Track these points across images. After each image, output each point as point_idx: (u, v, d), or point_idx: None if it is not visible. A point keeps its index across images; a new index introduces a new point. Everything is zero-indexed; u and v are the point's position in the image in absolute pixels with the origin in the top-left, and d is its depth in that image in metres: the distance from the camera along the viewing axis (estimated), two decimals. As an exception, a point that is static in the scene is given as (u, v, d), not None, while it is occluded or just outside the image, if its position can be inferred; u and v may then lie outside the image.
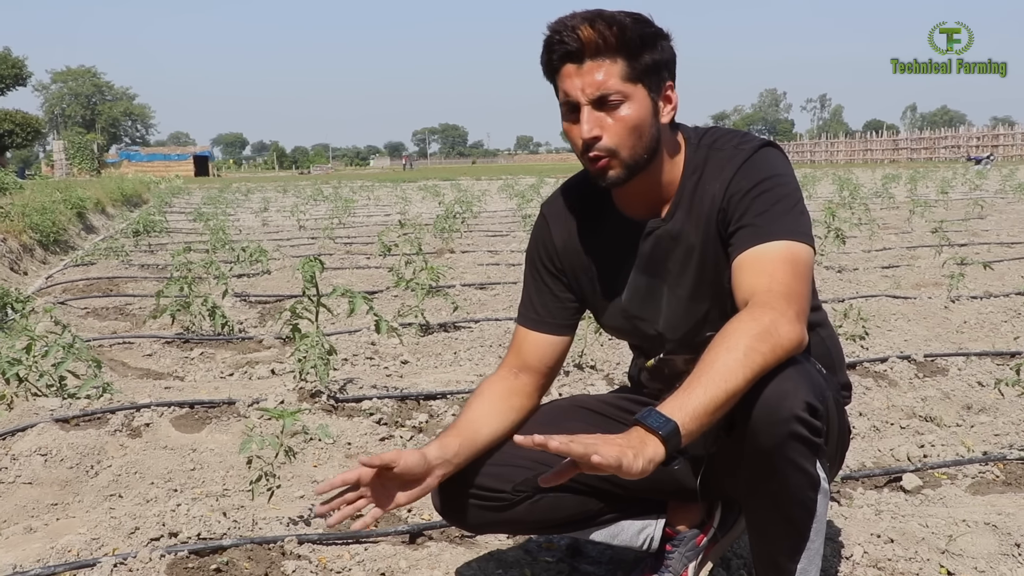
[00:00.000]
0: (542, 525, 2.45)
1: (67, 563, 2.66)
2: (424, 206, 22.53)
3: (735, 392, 1.81)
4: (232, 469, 3.56)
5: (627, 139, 2.06)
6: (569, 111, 2.08)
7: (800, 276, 1.99)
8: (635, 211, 2.26)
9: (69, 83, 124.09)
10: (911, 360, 4.97)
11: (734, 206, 2.09)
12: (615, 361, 5.12)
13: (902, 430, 4.05)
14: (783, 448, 1.90)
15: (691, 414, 1.76)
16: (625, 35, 2.02)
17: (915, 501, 3.28)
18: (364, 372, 5.10)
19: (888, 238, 12.01)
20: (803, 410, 1.88)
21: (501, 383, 2.36)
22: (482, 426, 2.26)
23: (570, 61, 2.04)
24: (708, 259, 2.19)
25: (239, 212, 21.71)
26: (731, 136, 2.23)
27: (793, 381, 1.89)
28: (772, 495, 1.99)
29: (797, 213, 2.07)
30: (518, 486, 2.27)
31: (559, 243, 2.36)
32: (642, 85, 2.06)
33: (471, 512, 2.30)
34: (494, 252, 11.37)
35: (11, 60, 76.19)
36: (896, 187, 24.31)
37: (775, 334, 1.86)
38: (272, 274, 9.62)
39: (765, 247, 2.01)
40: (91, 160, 61.76)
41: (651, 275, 2.27)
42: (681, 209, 2.20)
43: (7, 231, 11.38)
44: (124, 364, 5.60)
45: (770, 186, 2.08)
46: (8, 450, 3.65)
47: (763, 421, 1.88)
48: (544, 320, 2.39)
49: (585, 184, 2.34)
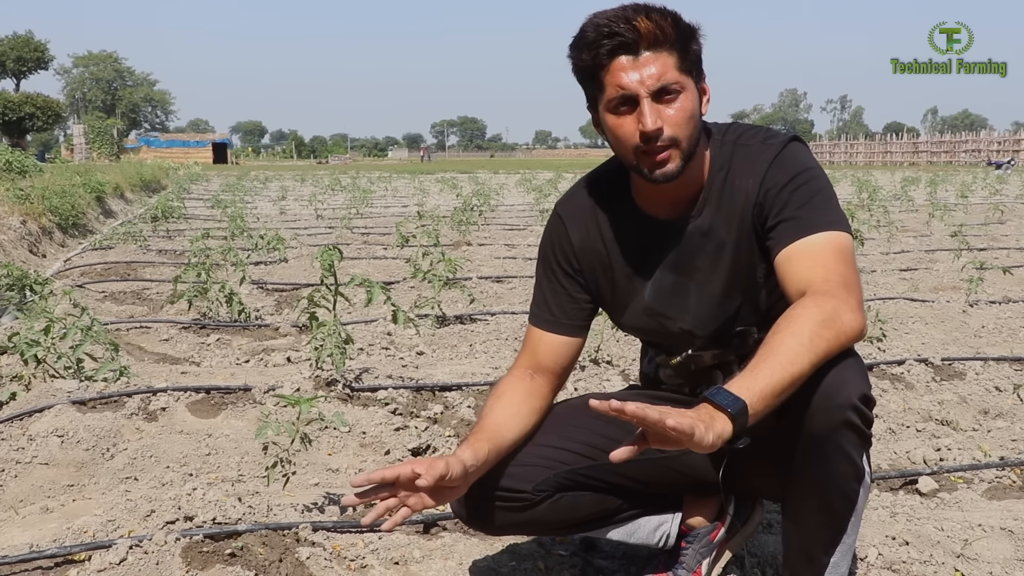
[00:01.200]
0: (562, 525, 2.43)
1: (83, 543, 2.67)
2: (442, 198, 22.52)
3: (800, 376, 1.83)
4: (247, 455, 3.57)
5: (686, 129, 2.05)
6: (621, 104, 2.04)
7: (850, 265, 2.01)
8: (658, 209, 2.25)
9: (90, 68, 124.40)
10: (928, 363, 4.94)
11: (771, 200, 2.10)
12: (631, 357, 5.11)
13: (918, 433, 4.04)
14: (836, 435, 1.92)
15: (759, 394, 1.78)
16: (679, 26, 2.02)
17: (931, 504, 3.26)
18: (380, 362, 5.11)
19: (906, 241, 11.96)
20: (860, 400, 1.91)
21: (519, 384, 2.35)
22: (507, 430, 2.25)
23: (625, 53, 2.00)
24: (742, 255, 2.18)
25: (257, 200, 21.75)
26: (755, 131, 2.23)
27: (852, 371, 1.92)
28: (818, 483, 2.00)
29: (833, 205, 2.10)
30: (539, 485, 2.27)
31: (576, 242, 2.34)
32: (691, 76, 2.05)
33: (495, 515, 2.29)
34: (511, 246, 11.36)
35: (33, 43, 76.72)
36: (915, 190, 24.18)
37: (838, 321, 1.88)
38: (289, 262, 9.64)
39: (812, 239, 2.03)
40: (111, 145, 61.94)
41: (678, 273, 2.26)
42: (710, 205, 2.19)
43: (27, 213, 11.43)
44: (141, 348, 5.62)
45: (806, 179, 2.09)
46: (25, 430, 3.67)
47: (821, 407, 1.91)
48: (559, 321, 2.37)
49: (602, 183, 2.33)
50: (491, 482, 2.24)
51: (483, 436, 2.19)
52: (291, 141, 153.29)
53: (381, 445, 3.78)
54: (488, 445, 2.17)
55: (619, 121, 2.06)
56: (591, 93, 2.11)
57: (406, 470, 1.97)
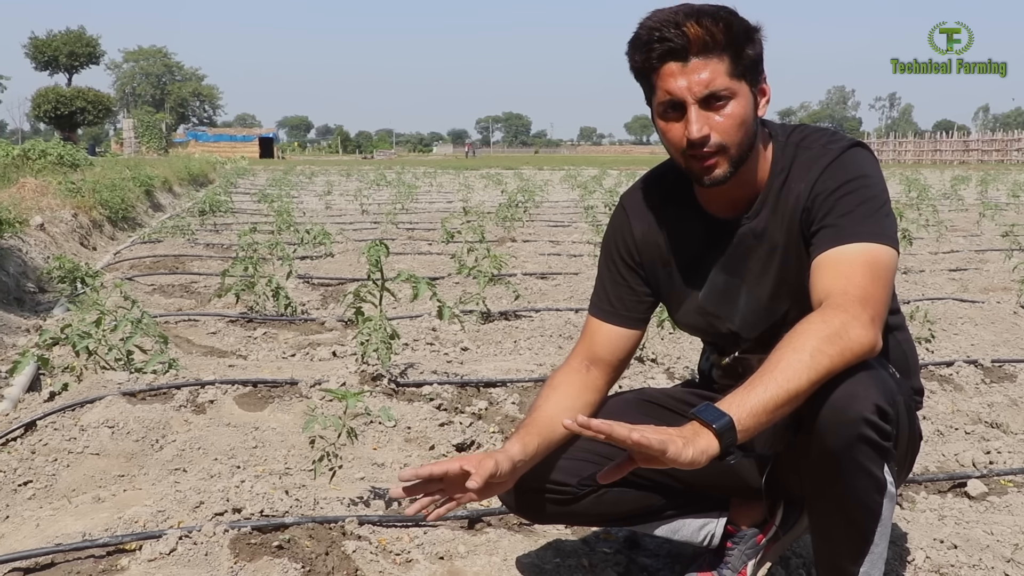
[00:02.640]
0: (606, 518, 2.46)
1: (134, 533, 2.71)
2: (486, 194, 22.56)
3: (797, 393, 1.80)
4: (293, 448, 3.60)
5: (735, 136, 2.04)
6: (670, 109, 2.05)
7: (879, 279, 1.96)
8: (719, 208, 2.24)
9: (140, 62, 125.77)
10: (978, 365, 4.89)
11: (818, 206, 2.07)
12: (676, 355, 5.10)
13: (967, 435, 3.99)
14: (850, 450, 1.88)
15: (749, 411, 1.77)
16: (731, 31, 2.00)
17: (980, 508, 3.22)
18: (425, 357, 5.13)
19: (956, 240, 11.81)
20: (872, 413, 1.86)
21: (575, 376, 2.35)
22: (559, 424, 2.20)
23: (673, 59, 1.99)
24: (791, 259, 2.17)
25: (303, 195, 21.90)
26: (820, 134, 2.20)
27: (863, 384, 1.87)
28: (837, 497, 1.97)
29: (882, 215, 2.04)
30: (584, 480, 2.28)
31: (639, 235, 2.34)
32: (744, 81, 2.03)
33: (542, 506, 2.32)
34: (555, 242, 11.35)
35: (85, 39, 77.81)
36: (965, 189, 23.89)
37: (845, 337, 1.84)
38: (335, 257, 9.70)
39: (845, 248, 1.99)
40: (159, 139, 62.78)
41: (731, 273, 2.25)
42: (767, 208, 2.18)
43: (78, 207, 11.59)
44: (189, 341, 5.69)
45: (856, 187, 2.06)
46: (77, 421, 3.72)
47: (831, 423, 1.87)
48: (618, 312, 2.37)
49: (667, 178, 2.33)
50: (540, 474, 2.26)
51: (534, 430, 2.20)
52: (336, 136, 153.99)
53: (426, 440, 3.80)
54: (538, 439, 2.18)
55: (668, 125, 2.07)
56: (646, 92, 2.11)
57: (454, 467, 1.98)
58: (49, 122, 62.16)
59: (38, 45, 77.54)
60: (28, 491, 3.27)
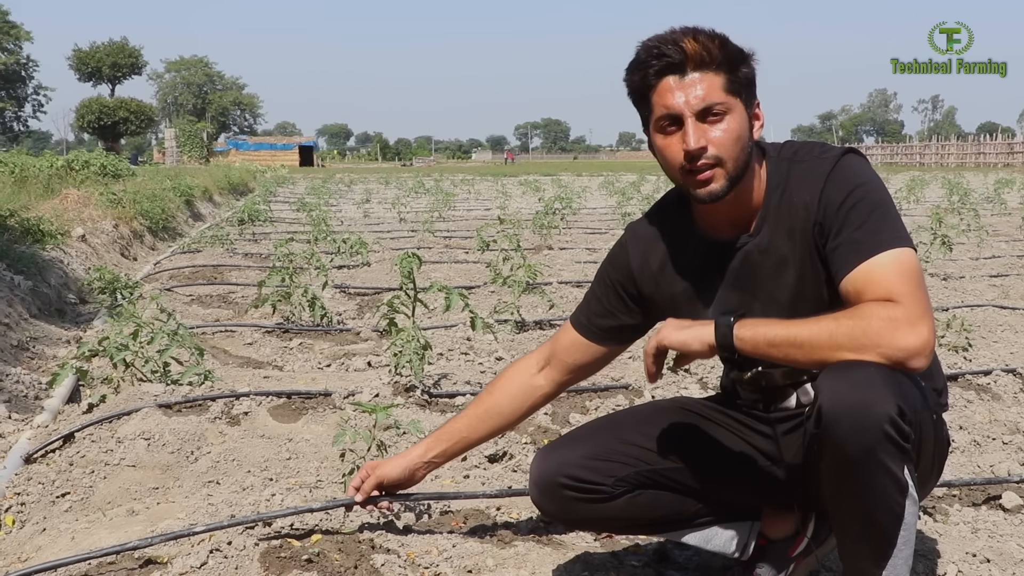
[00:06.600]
0: (637, 523, 2.49)
1: (163, 534, 2.73)
2: (524, 201, 22.57)
3: (807, 342, 1.95)
4: (326, 460, 3.62)
5: (731, 149, 2.09)
6: (667, 125, 2.11)
7: (917, 281, 2.00)
8: (719, 232, 2.28)
9: (182, 72, 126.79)
10: (1017, 374, 4.83)
11: (830, 219, 2.10)
12: (710, 364, 5.08)
13: (1004, 446, 3.94)
14: (872, 448, 1.91)
15: (751, 327, 2.01)
16: (727, 48, 2.08)
17: (1015, 520, 3.18)
18: (459, 368, 5.15)
19: (998, 246, 11.67)
20: (894, 412, 1.89)
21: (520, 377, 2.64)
22: (475, 432, 2.68)
23: (671, 74, 2.07)
24: (807, 273, 2.19)
25: (341, 203, 22.03)
26: (810, 147, 2.24)
27: (883, 384, 1.90)
28: (857, 497, 1.99)
29: (893, 218, 2.08)
30: (619, 480, 2.34)
31: (635, 268, 2.41)
32: (740, 99, 2.10)
33: (574, 507, 2.38)
34: (592, 250, 11.35)
35: (128, 49, 78.83)
36: (1009, 193, 23.58)
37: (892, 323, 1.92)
38: (371, 266, 9.75)
39: (874, 262, 2.02)
40: (200, 148, 63.35)
41: (741, 290, 2.27)
42: (767, 224, 2.22)
43: (119, 217, 11.74)
44: (225, 352, 5.74)
45: (862, 195, 2.09)
46: (114, 433, 3.77)
47: (852, 421, 1.90)
48: (587, 326, 2.51)
49: (668, 210, 2.41)
50: (568, 472, 2.34)
51: (445, 437, 2.69)
52: (376, 143, 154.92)
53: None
54: (444, 445, 2.70)
55: (666, 141, 2.13)
56: (643, 114, 2.18)
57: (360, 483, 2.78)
58: (93, 132, 62.97)
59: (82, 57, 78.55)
60: (65, 503, 3.32)
